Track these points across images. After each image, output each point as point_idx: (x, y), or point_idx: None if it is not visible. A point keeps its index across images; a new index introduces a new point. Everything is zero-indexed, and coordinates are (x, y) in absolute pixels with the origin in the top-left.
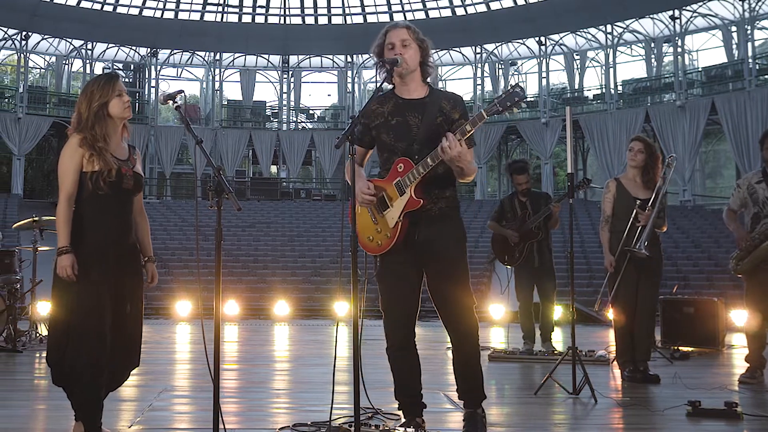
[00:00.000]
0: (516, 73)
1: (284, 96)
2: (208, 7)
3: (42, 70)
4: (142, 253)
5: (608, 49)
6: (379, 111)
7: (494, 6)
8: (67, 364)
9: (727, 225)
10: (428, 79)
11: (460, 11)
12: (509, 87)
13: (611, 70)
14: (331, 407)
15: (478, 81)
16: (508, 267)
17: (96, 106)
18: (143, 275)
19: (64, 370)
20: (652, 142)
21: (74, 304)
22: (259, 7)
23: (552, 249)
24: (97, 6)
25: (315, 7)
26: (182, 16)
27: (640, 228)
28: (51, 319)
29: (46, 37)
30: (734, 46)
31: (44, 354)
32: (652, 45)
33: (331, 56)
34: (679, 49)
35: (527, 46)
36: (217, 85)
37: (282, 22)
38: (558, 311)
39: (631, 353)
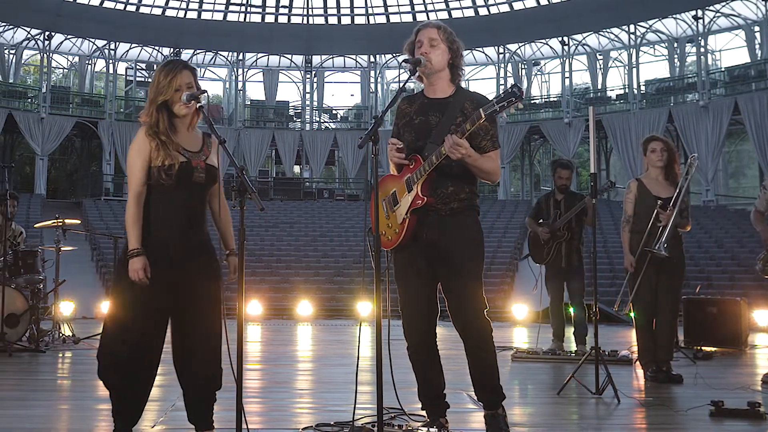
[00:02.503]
0: (539, 73)
1: (307, 96)
2: (231, 7)
3: (65, 70)
4: (225, 246)
5: (631, 49)
6: (407, 111)
7: (517, 6)
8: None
9: (755, 226)
10: (457, 81)
11: (483, 11)
12: (508, 87)
13: (634, 70)
14: (354, 407)
15: (501, 81)
16: (538, 264)
17: (159, 99)
18: (218, 271)
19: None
20: (668, 139)
21: (121, 301)
22: (282, 7)
23: (582, 251)
24: (120, 6)
25: (338, 7)
26: (205, 16)
27: (660, 228)
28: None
29: (69, 37)
30: (757, 46)
31: (67, 354)
32: (675, 45)
33: (354, 56)
34: (702, 49)
35: (550, 46)
36: (240, 85)
37: (305, 22)
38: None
39: (653, 353)
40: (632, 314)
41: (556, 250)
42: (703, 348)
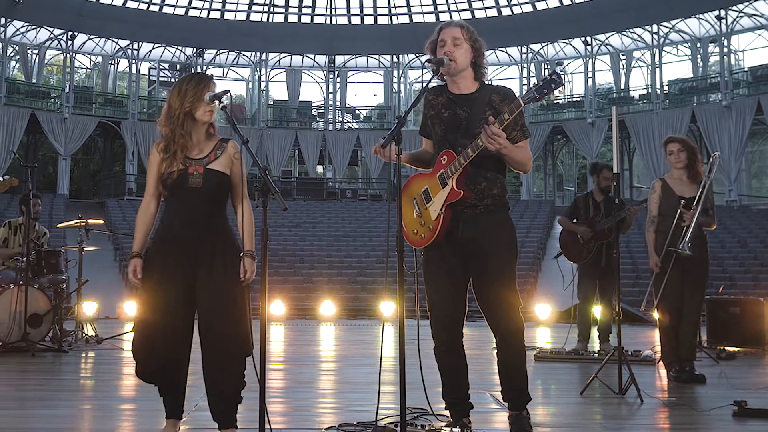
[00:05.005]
0: (562, 72)
1: (330, 96)
2: (254, 7)
3: (88, 70)
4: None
5: (654, 49)
6: (435, 102)
7: (540, 6)
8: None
9: None
10: (480, 79)
11: (506, 11)
12: (547, 74)
13: (657, 70)
14: (377, 407)
15: (524, 81)
16: (573, 264)
17: (187, 106)
18: (229, 271)
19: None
20: (686, 138)
21: (139, 302)
22: (305, 7)
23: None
24: (143, 6)
25: (361, 7)
26: (228, 16)
27: (684, 227)
28: None
29: (92, 37)
30: None
31: (90, 354)
32: (698, 45)
33: (377, 56)
34: (725, 49)
35: (573, 46)
36: (263, 85)
37: (328, 22)
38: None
39: (676, 353)
40: (656, 314)
41: (597, 250)
42: (726, 348)
